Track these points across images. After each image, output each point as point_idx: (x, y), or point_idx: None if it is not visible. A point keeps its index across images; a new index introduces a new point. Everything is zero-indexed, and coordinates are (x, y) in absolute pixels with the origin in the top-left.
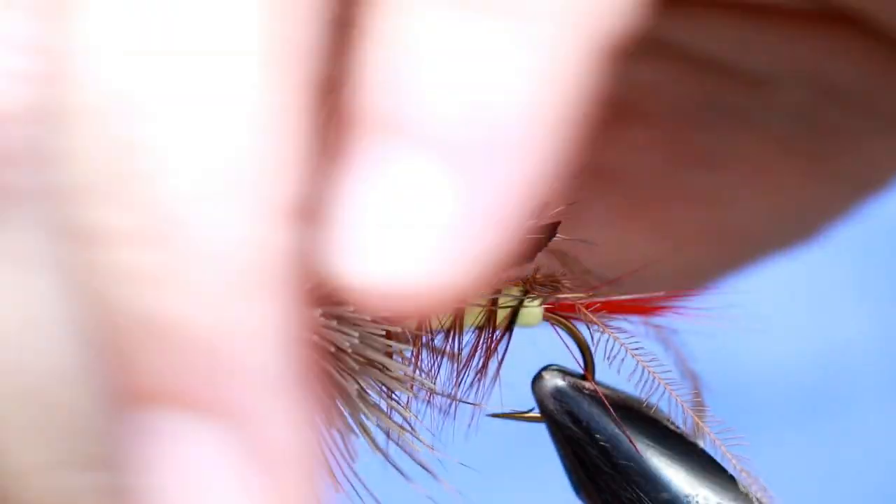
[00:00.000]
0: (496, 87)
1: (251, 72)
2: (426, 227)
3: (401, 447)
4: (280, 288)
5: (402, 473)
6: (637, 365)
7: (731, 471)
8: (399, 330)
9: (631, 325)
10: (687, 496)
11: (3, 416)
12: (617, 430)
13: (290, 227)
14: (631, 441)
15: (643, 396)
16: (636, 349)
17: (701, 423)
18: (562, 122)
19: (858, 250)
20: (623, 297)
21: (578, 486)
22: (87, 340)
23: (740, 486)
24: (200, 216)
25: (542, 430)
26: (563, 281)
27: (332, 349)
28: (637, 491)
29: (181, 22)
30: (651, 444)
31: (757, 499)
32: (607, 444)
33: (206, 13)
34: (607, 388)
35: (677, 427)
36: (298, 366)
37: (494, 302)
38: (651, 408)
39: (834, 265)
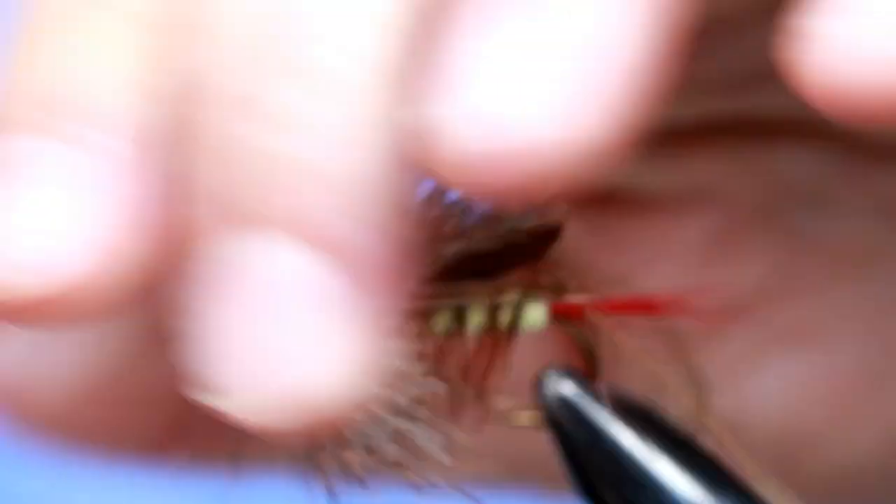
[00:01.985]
0: None
1: None
2: (549, 71)
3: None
4: (388, 142)
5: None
6: (644, 368)
7: (745, 478)
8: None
9: (637, 325)
10: None
11: None
12: (625, 436)
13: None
14: (640, 447)
15: (652, 401)
16: (643, 351)
17: (711, 428)
18: None
19: None
20: (628, 297)
21: (582, 493)
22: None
23: (755, 495)
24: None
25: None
26: (569, 281)
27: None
28: (646, 499)
29: None
30: (661, 450)
31: None
32: (614, 451)
33: None
34: (614, 391)
35: (688, 433)
36: (399, 224)
37: (496, 306)
38: (660, 413)
39: None
